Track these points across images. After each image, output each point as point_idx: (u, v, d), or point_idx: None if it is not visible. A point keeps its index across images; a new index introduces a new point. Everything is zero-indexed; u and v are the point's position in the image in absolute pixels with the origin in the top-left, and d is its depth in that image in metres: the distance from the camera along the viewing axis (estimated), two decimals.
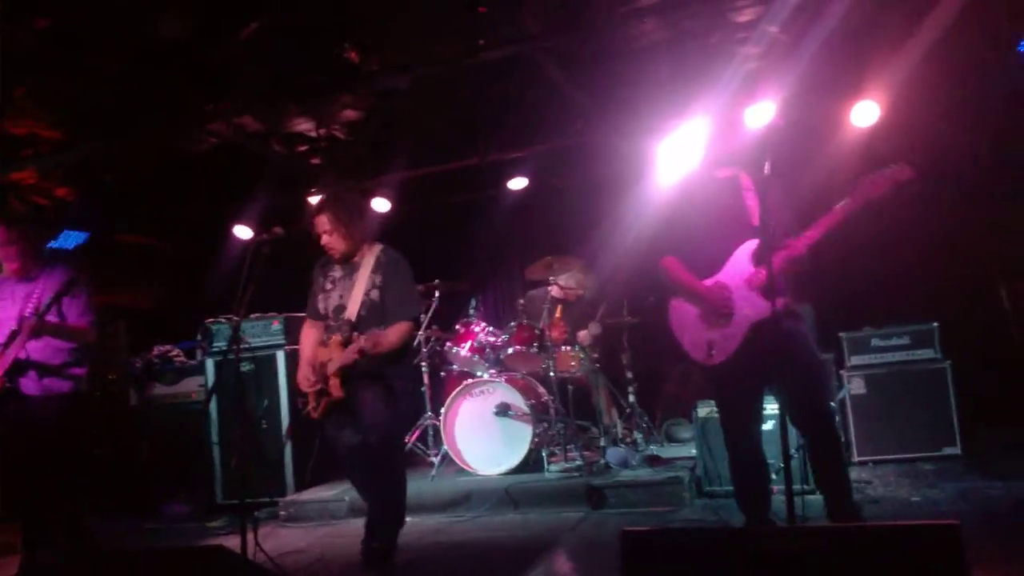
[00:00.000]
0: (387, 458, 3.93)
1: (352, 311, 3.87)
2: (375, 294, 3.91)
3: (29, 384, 4.08)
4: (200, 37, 4.87)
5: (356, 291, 3.89)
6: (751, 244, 3.48)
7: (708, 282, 3.54)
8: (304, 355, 4.00)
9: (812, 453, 3.57)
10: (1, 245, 4.12)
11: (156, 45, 4.85)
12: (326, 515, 5.31)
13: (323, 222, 3.92)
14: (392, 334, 3.79)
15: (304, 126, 6.38)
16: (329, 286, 4.03)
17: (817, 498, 4.37)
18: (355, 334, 3.79)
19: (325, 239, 3.94)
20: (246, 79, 5.33)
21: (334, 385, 3.82)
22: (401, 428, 4.15)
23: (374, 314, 3.86)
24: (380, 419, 3.83)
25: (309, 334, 4.06)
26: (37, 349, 4.09)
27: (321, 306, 4.03)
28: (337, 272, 4.03)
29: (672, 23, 5.23)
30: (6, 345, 4.04)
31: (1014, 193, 5.90)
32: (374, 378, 3.84)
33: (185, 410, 6.32)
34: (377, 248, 4.04)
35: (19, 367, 4.04)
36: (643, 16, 5.05)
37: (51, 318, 4.07)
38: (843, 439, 5.07)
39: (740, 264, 3.49)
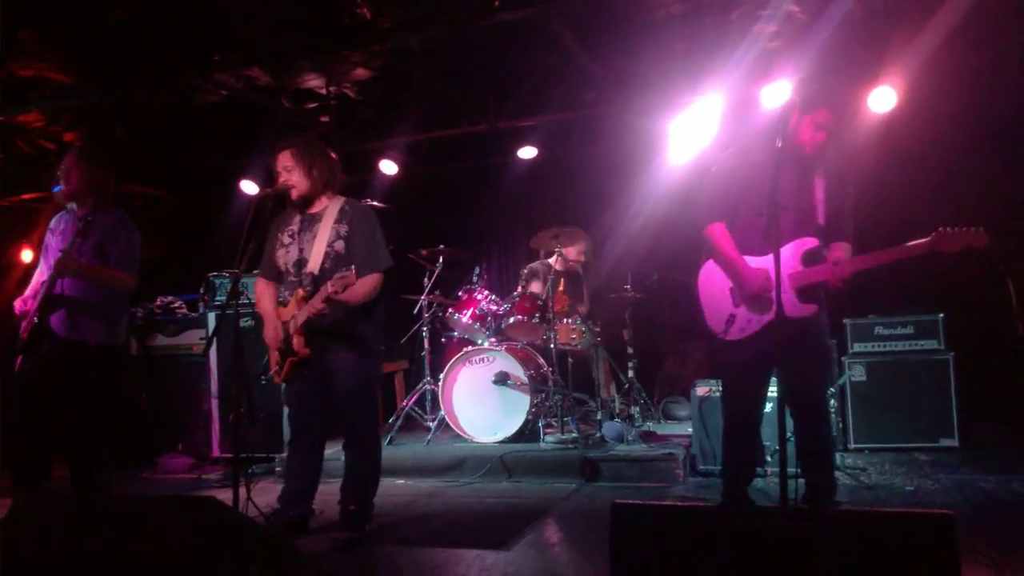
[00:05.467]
0: (365, 420, 3.80)
1: (315, 263, 3.60)
2: (339, 245, 3.63)
3: (62, 325, 4.02)
4: None
5: (318, 242, 3.62)
6: (808, 243, 3.42)
7: (753, 264, 3.45)
8: (268, 312, 3.78)
9: (800, 437, 3.56)
10: (62, 170, 4.13)
11: None
12: (321, 473, 5.31)
13: (285, 157, 3.67)
14: (362, 285, 3.51)
15: (314, 83, 6.32)
16: (288, 240, 3.75)
17: None
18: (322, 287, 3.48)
19: (284, 176, 3.66)
20: (254, 31, 5.25)
21: (298, 343, 3.57)
22: (375, 389, 3.92)
23: (340, 266, 3.52)
24: (355, 380, 3.65)
25: (266, 292, 3.82)
26: (74, 289, 4.03)
27: (280, 262, 3.76)
28: (296, 225, 3.75)
29: None
30: (47, 281, 4.02)
31: None
32: (344, 336, 3.61)
33: (186, 362, 6.33)
34: (341, 199, 3.76)
35: (53, 304, 4.00)
36: None
37: (85, 258, 4.02)
38: (841, 426, 5.09)
39: (788, 257, 3.39)
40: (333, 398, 3.70)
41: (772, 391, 3.99)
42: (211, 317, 6.17)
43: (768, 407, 4.21)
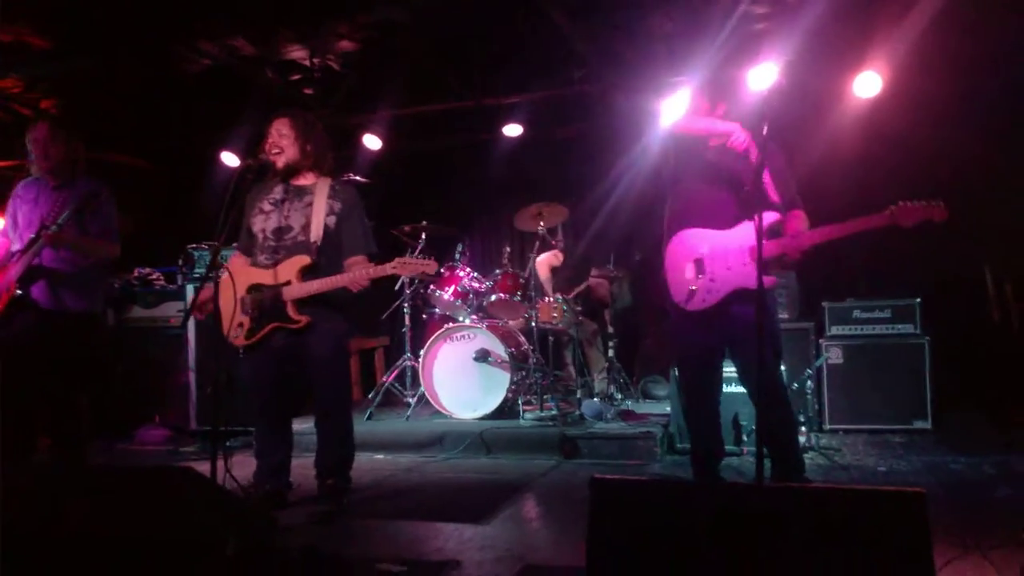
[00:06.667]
0: (340, 391, 3.85)
1: (316, 233, 3.62)
2: (331, 221, 3.68)
3: (42, 296, 4.01)
4: None
5: (316, 213, 3.65)
6: (769, 216, 3.48)
7: (719, 238, 3.58)
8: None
9: (760, 418, 3.62)
10: (37, 142, 4.08)
11: None
12: (299, 447, 5.29)
13: (283, 124, 3.70)
14: (375, 268, 3.58)
15: (298, 54, 6.24)
16: (268, 207, 3.73)
17: None
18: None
19: (275, 138, 3.67)
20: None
21: (293, 310, 3.60)
22: (348, 361, 4.03)
23: (329, 242, 3.66)
24: (333, 351, 3.73)
25: (243, 265, 3.78)
26: (54, 260, 4.02)
27: (257, 228, 3.74)
28: (278, 194, 3.74)
29: None
30: (24, 251, 3.98)
31: (1009, 176, 5.89)
32: (337, 307, 3.68)
33: (163, 334, 6.27)
34: (328, 179, 3.79)
35: (33, 275, 3.98)
36: None
37: (72, 230, 3.99)
38: (816, 407, 5.16)
39: (748, 231, 3.49)
40: (305, 368, 3.71)
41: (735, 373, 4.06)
42: (189, 289, 6.12)
43: (741, 388, 4.28)
